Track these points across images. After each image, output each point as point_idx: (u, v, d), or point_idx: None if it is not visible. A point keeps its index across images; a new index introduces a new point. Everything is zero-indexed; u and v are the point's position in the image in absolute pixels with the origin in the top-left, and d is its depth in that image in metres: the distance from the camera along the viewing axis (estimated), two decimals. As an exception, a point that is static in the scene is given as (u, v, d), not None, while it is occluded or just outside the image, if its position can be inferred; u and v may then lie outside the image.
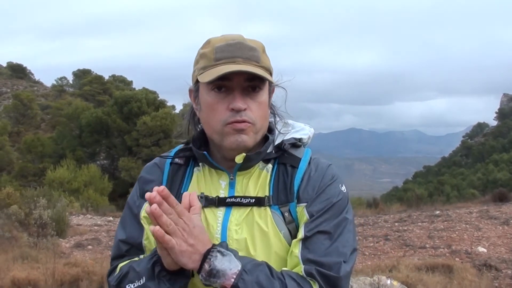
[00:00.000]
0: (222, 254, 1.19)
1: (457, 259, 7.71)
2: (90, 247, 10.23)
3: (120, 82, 65.31)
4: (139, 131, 34.02)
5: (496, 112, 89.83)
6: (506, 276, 6.64)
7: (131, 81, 68.10)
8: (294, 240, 1.31)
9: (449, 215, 12.00)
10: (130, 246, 1.42)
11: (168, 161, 1.47)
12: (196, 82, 1.37)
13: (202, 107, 1.37)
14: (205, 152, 1.38)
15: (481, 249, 8.45)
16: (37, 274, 5.67)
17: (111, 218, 16.07)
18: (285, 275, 1.24)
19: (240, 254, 1.25)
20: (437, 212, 12.85)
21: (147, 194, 1.14)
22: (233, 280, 1.16)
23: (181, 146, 1.51)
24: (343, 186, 1.39)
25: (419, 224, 11.37)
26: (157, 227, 1.13)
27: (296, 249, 1.29)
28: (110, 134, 36.32)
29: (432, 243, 9.33)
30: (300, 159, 1.41)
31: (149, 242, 1.39)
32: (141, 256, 1.39)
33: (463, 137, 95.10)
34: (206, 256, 1.18)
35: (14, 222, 10.40)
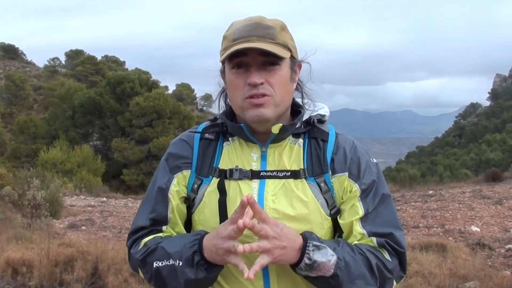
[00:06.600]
0: (318, 248, 1.29)
1: (450, 238, 7.75)
2: (84, 227, 10.23)
3: (113, 62, 64.98)
4: (132, 112, 33.90)
5: (489, 93, 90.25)
6: (499, 255, 6.69)
7: (124, 62, 67.83)
8: (353, 219, 1.40)
9: (442, 195, 12.06)
10: (154, 219, 1.47)
11: (197, 137, 1.52)
12: (223, 62, 1.45)
13: (227, 85, 1.45)
14: (242, 125, 1.42)
15: (474, 228, 8.51)
16: (32, 255, 5.65)
17: (104, 199, 16.07)
18: (363, 249, 1.35)
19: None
20: (430, 192, 12.91)
21: (243, 200, 1.22)
22: (332, 270, 1.28)
23: (207, 123, 1.56)
24: (373, 159, 1.50)
25: (412, 204, 11.43)
26: (257, 245, 1.22)
27: (358, 225, 1.40)
28: (103, 115, 36.18)
29: (426, 223, 9.39)
30: (328, 133, 1.49)
31: (174, 216, 1.47)
32: (164, 228, 1.46)
33: (456, 117, 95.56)
34: (303, 252, 1.28)
35: (7, 203, 10.37)
